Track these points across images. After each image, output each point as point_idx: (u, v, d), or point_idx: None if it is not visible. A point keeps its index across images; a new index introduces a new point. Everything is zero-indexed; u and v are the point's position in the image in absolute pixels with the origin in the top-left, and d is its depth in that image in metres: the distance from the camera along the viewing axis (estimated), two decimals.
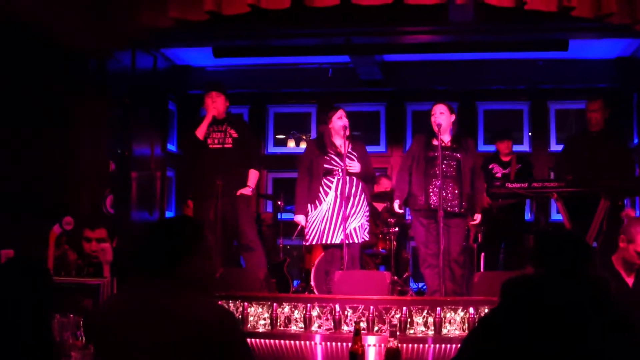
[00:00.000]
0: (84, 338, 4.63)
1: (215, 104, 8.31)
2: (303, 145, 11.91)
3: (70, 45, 8.06)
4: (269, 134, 11.95)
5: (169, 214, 10.78)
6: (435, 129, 7.69)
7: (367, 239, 8.18)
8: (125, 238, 7.66)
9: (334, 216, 7.92)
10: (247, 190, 8.30)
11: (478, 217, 8.01)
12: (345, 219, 7.82)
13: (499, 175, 9.62)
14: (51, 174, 8.10)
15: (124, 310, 3.28)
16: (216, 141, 8.30)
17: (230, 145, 8.27)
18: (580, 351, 3.12)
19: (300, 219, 8.14)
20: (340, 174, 7.93)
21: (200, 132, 8.23)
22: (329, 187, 7.98)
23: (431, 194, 7.75)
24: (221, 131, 8.28)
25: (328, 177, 8.01)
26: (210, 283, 3.48)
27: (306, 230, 8.10)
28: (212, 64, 11.25)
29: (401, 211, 8.25)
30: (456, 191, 7.76)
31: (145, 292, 3.30)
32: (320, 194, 8.01)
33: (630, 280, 5.72)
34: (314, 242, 8.14)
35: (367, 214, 8.13)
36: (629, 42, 9.88)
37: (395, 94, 11.61)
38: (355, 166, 7.95)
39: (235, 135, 8.32)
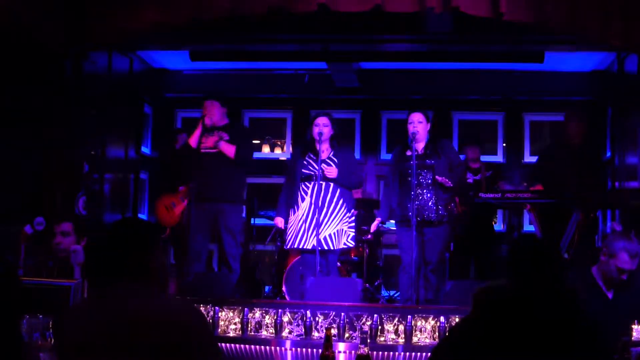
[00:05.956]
0: (53, 339, 4.60)
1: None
2: (277, 150, 11.90)
3: (46, 46, 8.02)
4: None
5: (141, 216, 10.73)
6: (410, 137, 7.66)
7: (351, 246, 8.11)
8: (97, 240, 7.61)
9: (307, 222, 7.84)
10: None
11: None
12: (318, 225, 7.76)
13: (470, 181, 9.55)
14: (23, 174, 8.04)
15: (94, 314, 3.27)
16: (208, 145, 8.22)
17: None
18: None
19: (277, 221, 8.14)
20: (317, 180, 7.85)
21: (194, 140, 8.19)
22: (306, 193, 7.90)
23: (408, 204, 7.70)
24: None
25: (305, 183, 7.91)
26: (166, 279, 3.53)
27: (285, 234, 8.09)
28: (189, 68, 11.23)
29: (378, 226, 8.26)
30: (433, 199, 7.72)
31: (112, 295, 3.30)
32: (298, 199, 7.96)
33: (610, 293, 5.74)
34: (288, 246, 8.09)
35: (351, 220, 8.00)
36: (604, 56, 9.96)
37: (371, 102, 11.62)
38: (331, 171, 7.83)
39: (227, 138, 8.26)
